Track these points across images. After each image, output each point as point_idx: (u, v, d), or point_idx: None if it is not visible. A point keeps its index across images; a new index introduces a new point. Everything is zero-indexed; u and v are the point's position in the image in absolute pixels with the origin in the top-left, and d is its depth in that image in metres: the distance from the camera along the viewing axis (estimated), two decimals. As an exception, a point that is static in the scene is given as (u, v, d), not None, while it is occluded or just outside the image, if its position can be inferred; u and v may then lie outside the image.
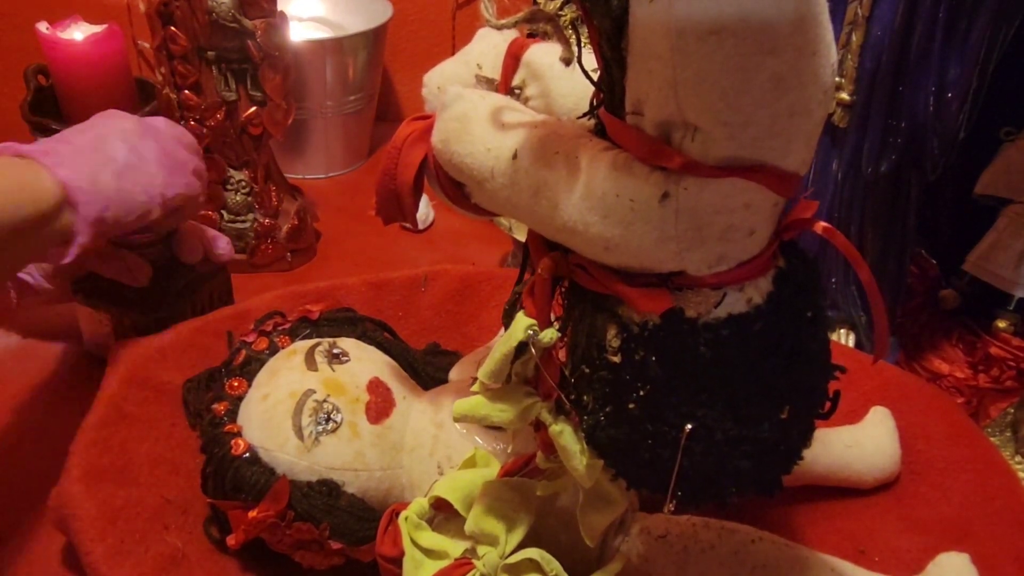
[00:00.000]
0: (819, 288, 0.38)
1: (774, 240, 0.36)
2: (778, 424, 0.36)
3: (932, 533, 0.54)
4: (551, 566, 0.44)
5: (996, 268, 0.68)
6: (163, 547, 0.50)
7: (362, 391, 0.52)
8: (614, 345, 0.36)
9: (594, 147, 0.35)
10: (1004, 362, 0.68)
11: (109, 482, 0.52)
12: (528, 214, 0.37)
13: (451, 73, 0.53)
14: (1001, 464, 0.56)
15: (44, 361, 0.71)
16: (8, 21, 1.09)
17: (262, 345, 0.56)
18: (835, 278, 0.71)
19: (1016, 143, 0.66)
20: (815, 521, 0.56)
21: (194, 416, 0.58)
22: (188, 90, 0.76)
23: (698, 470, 0.36)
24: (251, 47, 0.74)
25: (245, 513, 0.49)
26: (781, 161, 0.32)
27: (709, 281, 0.35)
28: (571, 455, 0.39)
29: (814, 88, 0.30)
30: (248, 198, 0.82)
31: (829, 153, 0.66)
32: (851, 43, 0.62)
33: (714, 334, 0.34)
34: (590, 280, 0.37)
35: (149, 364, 0.59)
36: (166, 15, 0.73)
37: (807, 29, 0.29)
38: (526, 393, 0.41)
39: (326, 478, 0.50)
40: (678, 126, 0.32)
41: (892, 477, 0.57)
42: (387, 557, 0.47)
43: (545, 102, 0.49)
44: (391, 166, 0.44)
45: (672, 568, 0.48)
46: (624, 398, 0.35)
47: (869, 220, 0.68)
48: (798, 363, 0.36)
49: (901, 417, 0.59)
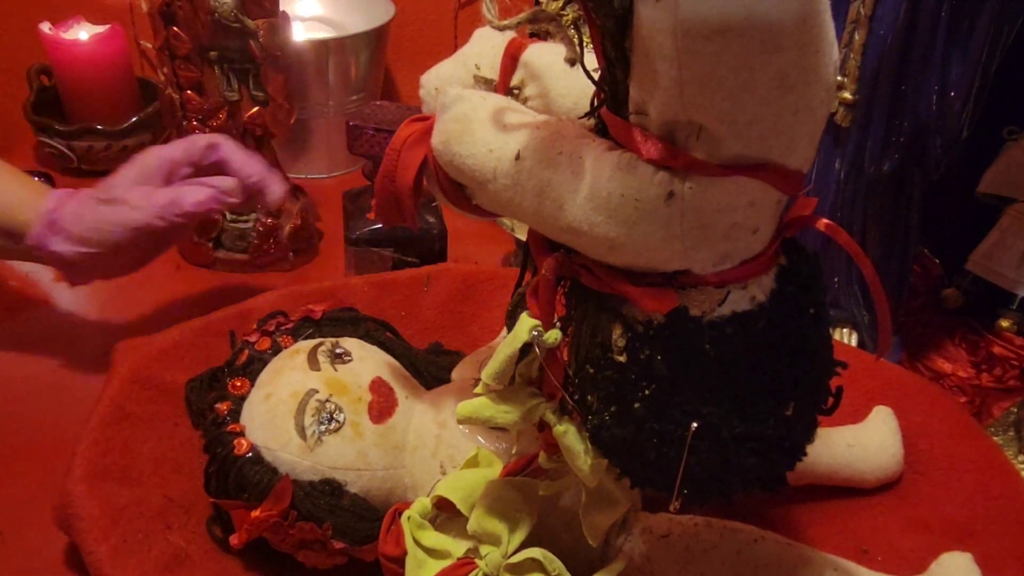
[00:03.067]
0: (821, 284, 0.38)
1: (776, 238, 0.36)
2: (783, 420, 0.36)
3: (935, 532, 0.54)
4: (553, 566, 0.44)
5: (999, 267, 0.68)
6: (166, 546, 0.50)
7: (365, 391, 0.52)
8: (619, 345, 0.36)
9: (598, 147, 0.35)
10: (1007, 361, 0.68)
11: (112, 482, 0.52)
12: (532, 215, 0.37)
13: (449, 74, 0.53)
14: (1004, 463, 0.56)
15: (47, 361, 0.71)
16: (11, 21, 1.09)
17: (265, 345, 0.56)
18: (838, 277, 0.71)
19: (1019, 142, 0.66)
20: (818, 521, 0.56)
21: (197, 416, 0.58)
22: (190, 90, 0.76)
23: (704, 468, 0.36)
24: (253, 47, 0.74)
25: (248, 513, 0.49)
26: (785, 159, 0.32)
27: (713, 279, 0.35)
28: (576, 455, 0.39)
29: (817, 86, 0.30)
30: (250, 198, 0.82)
31: (832, 152, 0.66)
32: (854, 42, 0.62)
33: (719, 332, 0.34)
34: (594, 280, 0.37)
35: (152, 364, 0.59)
36: (168, 15, 0.73)
37: (811, 27, 0.29)
38: (530, 394, 0.41)
39: (329, 478, 0.50)
40: (683, 125, 0.32)
41: (895, 476, 0.57)
42: (390, 557, 0.47)
43: (544, 102, 0.49)
44: (391, 168, 0.44)
45: (675, 568, 0.48)
46: (629, 397, 0.35)
47: (872, 219, 0.68)
48: (801, 359, 0.36)
49: (904, 416, 0.59)
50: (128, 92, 0.97)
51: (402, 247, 0.73)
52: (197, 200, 0.62)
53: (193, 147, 0.65)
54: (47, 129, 0.93)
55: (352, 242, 0.73)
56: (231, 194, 0.63)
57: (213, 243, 0.83)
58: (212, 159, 0.65)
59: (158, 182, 0.64)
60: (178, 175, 0.65)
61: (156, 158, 0.64)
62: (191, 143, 0.66)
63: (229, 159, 0.65)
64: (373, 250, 0.73)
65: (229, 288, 0.81)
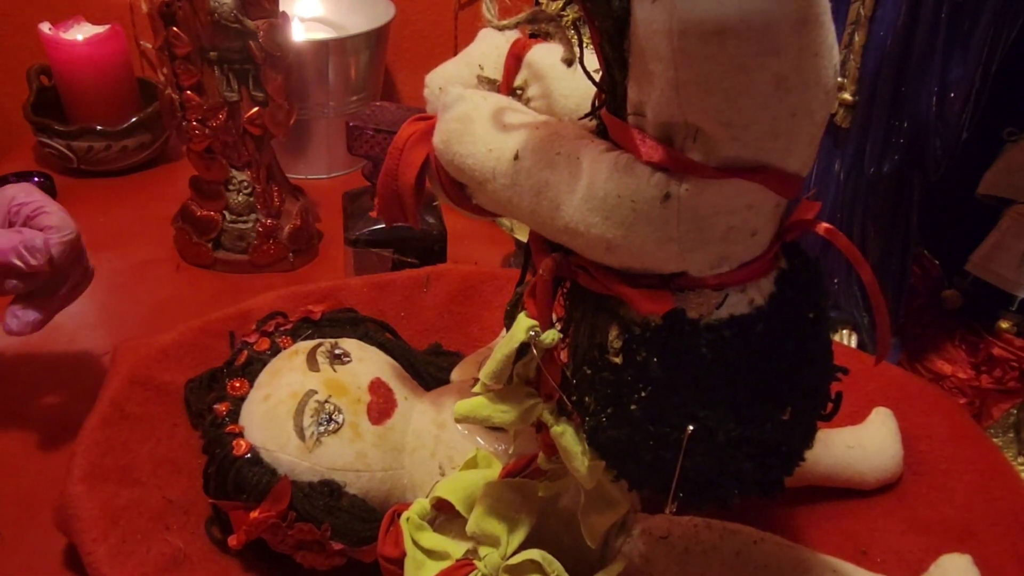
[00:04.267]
0: (821, 289, 0.38)
1: (776, 241, 0.36)
2: (780, 425, 0.36)
3: (934, 534, 0.54)
4: (552, 567, 0.44)
5: (999, 268, 0.68)
6: (165, 547, 0.50)
7: (364, 392, 0.52)
8: (616, 346, 0.36)
9: (596, 148, 0.35)
10: (1007, 363, 0.68)
11: (111, 482, 0.52)
12: (529, 215, 0.37)
13: (452, 74, 0.53)
14: (1004, 465, 0.56)
15: (46, 361, 0.71)
16: (10, 21, 1.09)
17: (264, 345, 0.56)
18: (837, 279, 0.71)
19: (1019, 143, 0.66)
20: (817, 522, 0.56)
21: (196, 416, 0.58)
22: (190, 90, 0.76)
23: (700, 471, 0.36)
24: (253, 47, 0.74)
25: (247, 513, 0.49)
26: (783, 162, 0.32)
27: (711, 282, 0.34)
28: (573, 456, 0.39)
29: (816, 89, 0.30)
30: (250, 198, 0.82)
31: (831, 153, 0.66)
32: (854, 43, 0.62)
33: (716, 335, 0.34)
34: (592, 281, 0.37)
35: (151, 364, 0.59)
36: (168, 16, 0.73)
37: (809, 30, 0.29)
38: (528, 394, 0.41)
39: (328, 479, 0.50)
40: (680, 127, 0.32)
41: (894, 478, 0.57)
42: (388, 558, 0.47)
43: (547, 103, 0.49)
44: (392, 167, 0.44)
45: (674, 569, 0.47)
46: (626, 399, 0.35)
47: (871, 220, 0.68)
48: (800, 364, 0.36)
49: (903, 418, 0.59)
50: (128, 92, 0.97)
51: (401, 248, 0.73)
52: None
53: (35, 218, 0.58)
54: (47, 129, 0.93)
55: (351, 243, 0.73)
56: (34, 252, 0.56)
57: (213, 243, 0.83)
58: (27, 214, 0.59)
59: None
60: (17, 222, 0.59)
61: (8, 198, 0.59)
62: (39, 212, 0.59)
63: (44, 208, 0.59)
64: (373, 251, 0.73)
65: (229, 288, 0.81)
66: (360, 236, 0.73)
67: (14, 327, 0.59)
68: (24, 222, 0.59)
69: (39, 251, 0.56)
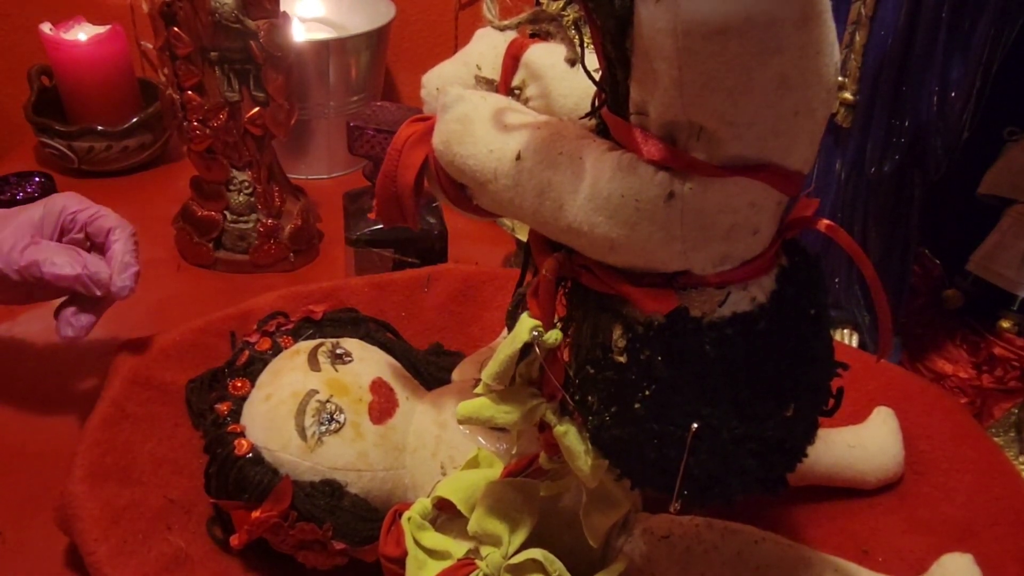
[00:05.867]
0: (822, 285, 0.38)
1: (777, 239, 0.36)
2: (783, 422, 0.36)
3: (936, 533, 0.54)
4: (554, 566, 0.44)
5: (1000, 268, 0.68)
6: (166, 547, 0.50)
7: (365, 391, 0.52)
8: (619, 345, 0.36)
9: (598, 148, 0.35)
10: (1008, 362, 0.68)
11: (113, 482, 0.52)
12: (532, 215, 0.37)
13: (450, 74, 0.53)
14: (1005, 464, 0.56)
15: (47, 361, 0.71)
16: (11, 22, 1.09)
17: (265, 345, 0.56)
18: (838, 278, 0.71)
19: (1020, 143, 0.66)
20: (818, 521, 0.56)
21: (197, 416, 0.58)
22: (191, 91, 0.76)
23: (704, 469, 0.36)
24: (254, 48, 0.74)
25: (248, 513, 0.49)
26: (785, 160, 0.32)
27: (713, 280, 0.35)
28: (576, 456, 0.39)
29: (818, 87, 0.30)
30: (251, 198, 0.82)
31: (832, 153, 0.66)
32: (854, 43, 0.62)
33: (719, 333, 0.34)
34: (595, 280, 0.37)
35: (152, 364, 0.59)
36: (169, 16, 0.73)
37: (811, 28, 0.29)
38: (530, 394, 0.41)
39: (329, 478, 0.50)
40: (683, 126, 0.32)
41: (895, 477, 0.57)
42: (390, 557, 0.47)
43: (545, 103, 0.49)
44: (391, 168, 0.44)
45: (675, 569, 0.47)
46: (629, 398, 0.35)
47: (872, 220, 0.68)
48: (802, 360, 0.36)
49: (904, 417, 0.59)
50: (129, 93, 0.97)
51: (402, 248, 0.73)
52: (58, 274, 0.57)
53: (93, 224, 0.61)
54: (48, 130, 0.93)
55: (352, 243, 0.73)
56: (99, 285, 0.59)
57: (213, 243, 0.83)
58: (100, 239, 0.62)
59: (48, 231, 0.60)
60: (73, 230, 0.61)
61: (60, 207, 0.61)
62: (96, 217, 0.62)
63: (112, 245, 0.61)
64: (373, 251, 0.73)
65: (229, 288, 0.81)
66: (361, 236, 0.73)
67: (70, 333, 0.60)
68: (81, 229, 0.61)
69: (102, 284, 0.59)
